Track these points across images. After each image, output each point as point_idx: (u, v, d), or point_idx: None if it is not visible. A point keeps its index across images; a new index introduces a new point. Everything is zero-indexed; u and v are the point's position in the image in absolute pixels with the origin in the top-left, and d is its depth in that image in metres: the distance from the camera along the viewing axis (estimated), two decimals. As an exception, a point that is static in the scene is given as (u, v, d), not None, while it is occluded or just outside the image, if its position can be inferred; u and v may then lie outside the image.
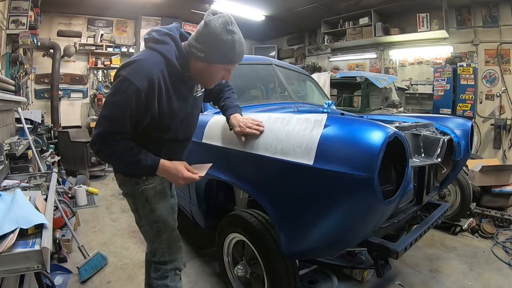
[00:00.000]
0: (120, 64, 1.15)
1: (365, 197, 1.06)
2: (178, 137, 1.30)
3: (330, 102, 2.80)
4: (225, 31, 1.07)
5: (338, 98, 4.47)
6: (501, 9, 4.54)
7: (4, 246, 0.89)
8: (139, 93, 1.06)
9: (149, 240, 1.38)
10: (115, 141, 1.10)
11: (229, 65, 1.16)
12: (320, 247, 1.33)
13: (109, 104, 1.10)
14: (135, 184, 1.28)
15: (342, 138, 1.10)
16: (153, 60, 1.11)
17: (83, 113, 6.20)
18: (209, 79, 1.21)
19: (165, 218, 1.34)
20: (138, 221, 1.37)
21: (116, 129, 1.09)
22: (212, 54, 1.11)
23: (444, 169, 1.98)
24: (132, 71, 1.08)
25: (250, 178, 1.47)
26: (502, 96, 4.62)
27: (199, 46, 1.10)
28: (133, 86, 1.05)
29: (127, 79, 1.05)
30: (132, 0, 5.25)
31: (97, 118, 1.13)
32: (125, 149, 1.11)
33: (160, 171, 1.17)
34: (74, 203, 3.51)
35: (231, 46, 1.10)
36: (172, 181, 1.22)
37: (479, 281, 2.11)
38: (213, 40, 1.08)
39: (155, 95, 1.10)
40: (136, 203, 1.32)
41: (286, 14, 5.89)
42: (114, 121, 1.09)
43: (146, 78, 1.07)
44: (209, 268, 2.24)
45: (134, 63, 1.10)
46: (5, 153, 2.01)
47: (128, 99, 1.06)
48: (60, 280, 2.00)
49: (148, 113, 1.12)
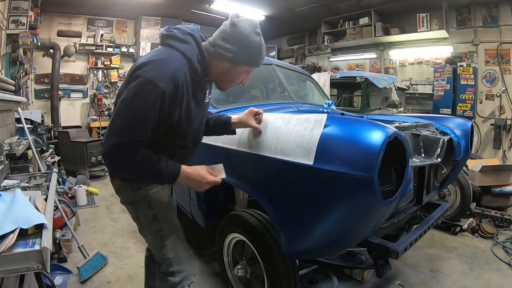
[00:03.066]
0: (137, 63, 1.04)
1: (365, 197, 1.06)
2: (190, 144, 1.22)
3: (330, 102, 2.80)
4: (254, 33, 1.07)
5: (338, 98, 4.47)
6: (501, 9, 4.54)
7: (4, 246, 0.89)
8: (164, 98, 0.97)
9: (154, 249, 1.27)
10: (133, 151, 0.97)
11: (253, 67, 1.14)
12: (320, 247, 1.33)
13: (128, 110, 0.97)
14: (135, 190, 1.17)
15: (342, 138, 1.10)
16: (177, 61, 1.03)
17: (83, 113, 6.20)
18: (229, 81, 1.17)
19: (169, 224, 1.24)
20: (140, 229, 1.27)
21: (136, 138, 0.98)
22: (240, 55, 1.07)
23: (444, 169, 1.98)
24: (156, 72, 0.98)
25: (250, 178, 1.47)
26: (502, 96, 4.61)
27: (228, 46, 1.06)
28: (158, 90, 0.95)
29: (151, 82, 0.95)
30: (132, 0, 5.26)
31: (110, 124, 0.99)
32: (144, 159, 0.99)
33: (182, 178, 1.06)
34: (74, 203, 3.51)
35: (259, 49, 1.09)
36: (194, 187, 1.12)
37: (479, 281, 2.11)
38: (243, 41, 1.06)
39: (178, 101, 1.02)
40: (137, 210, 1.21)
41: (286, 14, 5.89)
42: (134, 130, 0.97)
43: (171, 81, 0.98)
44: (209, 268, 2.24)
45: (156, 62, 1.00)
46: (5, 153, 2.01)
47: (152, 106, 0.96)
48: (60, 280, 2.00)
49: (168, 120, 1.03)
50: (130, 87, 0.99)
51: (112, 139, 0.96)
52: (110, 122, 1.00)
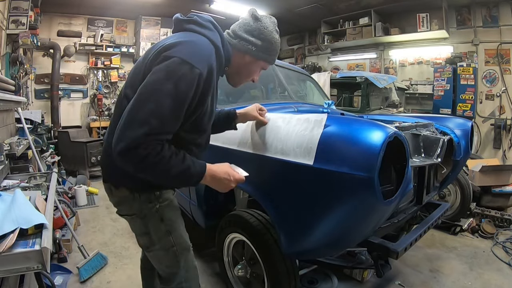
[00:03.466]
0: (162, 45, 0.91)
1: (365, 197, 1.06)
2: (204, 143, 1.12)
3: (330, 102, 2.80)
4: (275, 31, 1.10)
5: (338, 98, 4.47)
6: (501, 9, 4.54)
7: (4, 246, 0.89)
8: (200, 81, 0.86)
9: (163, 265, 1.14)
10: (161, 145, 0.83)
11: (268, 64, 1.15)
12: (320, 247, 1.33)
13: (159, 94, 0.82)
14: (145, 202, 1.04)
15: (342, 138, 1.10)
16: (208, 45, 0.94)
17: (83, 113, 6.20)
18: (245, 76, 1.15)
19: (183, 239, 1.13)
20: (147, 245, 1.11)
21: (168, 128, 0.84)
22: (263, 50, 1.07)
23: (444, 169, 1.98)
24: (191, 53, 0.86)
25: (250, 178, 1.47)
26: (502, 96, 4.62)
27: (252, 39, 1.05)
28: (196, 71, 0.84)
29: (187, 62, 0.84)
30: (132, 0, 5.25)
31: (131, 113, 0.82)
32: (171, 154, 0.85)
33: (208, 177, 0.95)
34: (74, 203, 3.51)
35: (278, 46, 1.12)
36: (220, 187, 1.00)
37: (479, 281, 2.11)
38: (267, 36, 1.07)
39: (211, 88, 0.93)
40: (147, 225, 1.07)
41: (286, 14, 5.89)
42: (168, 116, 0.83)
43: (206, 63, 0.88)
44: (209, 268, 2.24)
45: (189, 43, 0.90)
46: (5, 153, 2.01)
47: (189, 88, 0.84)
48: (60, 280, 2.00)
49: (198, 109, 0.93)
50: (158, 68, 0.85)
51: (137, 129, 0.79)
52: (130, 109, 0.83)
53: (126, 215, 1.09)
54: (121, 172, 0.91)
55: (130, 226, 1.13)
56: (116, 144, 0.81)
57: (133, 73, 1.00)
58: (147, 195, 1.04)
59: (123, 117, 0.84)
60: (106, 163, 1.07)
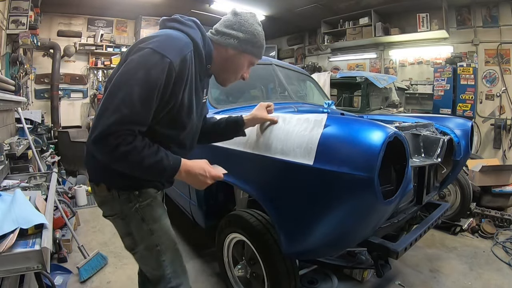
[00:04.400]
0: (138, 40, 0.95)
1: (365, 197, 1.06)
2: (188, 143, 1.11)
3: (330, 102, 2.80)
4: (256, 23, 1.09)
5: (338, 98, 4.47)
6: (501, 9, 4.53)
7: (4, 246, 0.89)
8: (172, 70, 0.87)
9: (149, 267, 1.11)
10: (132, 135, 0.85)
11: (255, 58, 1.13)
12: (320, 247, 1.33)
13: (131, 82, 0.84)
14: (125, 202, 1.02)
15: (342, 138, 1.10)
16: (183, 38, 0.96)
17: (83, 113, 6.20)
18: (232, 72, 1.12)
19: (166, 238, 1.10)
20: (131, 246, 1.09)
21: (139, 117, 0.85)
22: (245, 42, 1.06)
23: (444, 169, 1.98)
24: (162, 44, 0.89)
25: (250, 178, 1.47)
26: (502, 96, 4.61)
27: (233, 33, 1.05)
28: (166, 60, 0.86)
29: (158, 52, 0.86)
30: (132, 0, 5.25)
31: (105, 101, 0.85)
32: (143, 145, 0.86)
33: (183, 172, 0.94)
34: (74, 203, 3.51)
35: (262, 39, 1.10)
36: (196, 183, 0.99)
37: (479, 281, 2.11)
38: (248, 28, 1.06)
39: (184, 79, 0.93)
40: (129, 225, 1.06)
41: (286, 14, 5.89)
42: (138, 104, 0.84)
43: (179, 54, 0.90)
44: (209, 268, 2.24)
45: (162, 37, 0.92)
46: (5, 153, 2.01)
47: (159, 75, 0.85)
48: (60, 280, 2.00)
49: (172, 100, 0.92)
50: (131, 59, 0.88)
51: (110, 118, 0.81)
52: (104, 99, 0.85)
53: (109, 215, 1.09)
54: (101, 168, 0.96)
55: (115, 227, 1.11)
56: (91, 133, 0.84)
57: (115, 68, 1.01)
58: (126, 194, 1.02)
59: (98, 107, 0.87)
60: (88, 160, 1.07)
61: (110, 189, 1.03)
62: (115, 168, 0.90)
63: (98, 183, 1.05)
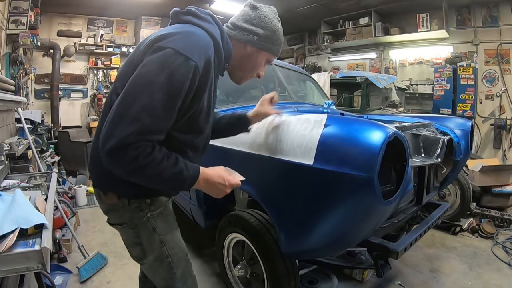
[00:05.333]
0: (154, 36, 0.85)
1: (365, 197, 1.06)
2: (201, 146, 1.03)
3: (330, 102, 2.80)
4: (276, 19, 1.03)
5: (338, 98, 4.47)
6: (501, 9, 4.53)
7: (4, 246, 0.89)
8: (196, 74, 0.79)
9: (158, 278, 1.06)
10: (151, 146, 0.77)
11: (273, 56, 1.07)
12: (320, 247, 1.33)
13: (152, 87, 0.75)
14: (136, 211, 0.96)
15: (342, 138, 1.10)
16: (205, 36, 0.86)
17: (83, 113, 6.20)
18: (249, 69, 1.06)
19: (178, 249, 1.05)
20: (140, 256, 1.03)
21: (160, 126, 0.77)
22: (265, 39, 0.99)
23: (444, 169, 1.98)
24: (184, 43, 0.79)
25: (250, 178, 1.47)
26: (502, 96, 4.61)
27: (253, 28, 0.98)
28: (191, 63, 0.77)
29: (181, 54, 0.76)
30: (132, 0, 5.25)
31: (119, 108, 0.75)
32: (162, 156, 0.79)
33: (201, 181, 0.88)
34: (74, 203, 3.51)
35: (281, 36, 1.04)
36: (214, 192, 0.94)
37: (479, 281, 2.11)
38: (268, 24, 0.99)
39: (208, 82, 0.85)
40: (139, 235, 0.99)
41: (286, 14, 5.88)
42: (160, 112, 0.76)
43: (203, 55, 0.81)
44: (209, 268, 2.24)
45: (183, 33, 0.83)
46: (5, 153, 2.01)
47: (183, 80, 0.77)
48: (60, 280, 2.00)
49: (194, 105, 0.85)
50: (150, 59, 0.78)
51: (127, 127, 0.72)
52: (119, 105, 0.75)
53: (116, 224, 1.02)
54: (109, 176, 0.85)
55: (121, 236, 1.05)
56: (104, 142, 0.74)
57: (124, 66, 0.92)
58: (137, 202, 0.96)
59: (111, 113, 0.76)
60: (93, 167, 0.97)
61: (120, 197, 0.95)
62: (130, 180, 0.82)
63: (106, 191, 0.97)
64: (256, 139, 1.37)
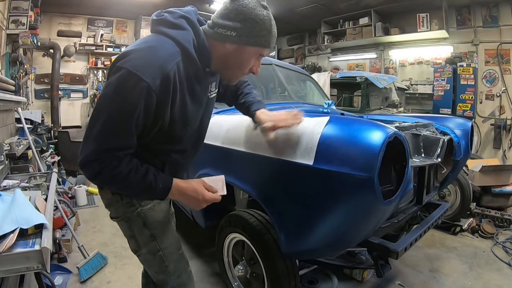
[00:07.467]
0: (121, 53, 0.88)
1: (365, 197, 1.06)
2: (187, 148, 1.05)
3: (330, 102, 2.80)
4: (260, 6, 0.89)
5: (338, 98, 4.47)
6: (501, 9, 4.54)
7: (4, 246, 0.89)
8: (150, 94, 0.81)
9: (153, 271, 1.12)
10: (117, 160, 0.83)
11: (264, 48, 0.94)
12: (320, 247, 1.33)
13: (108, 108, 0.81)
14: (127, 206, 1.02)
15: (342, 138, 1.10)
16: (167, 49, 0.86)
17: (83, 113, 6.21)
18: (236, 68, 0.97)
19: (169, 243, 1.09)
20: (135, 248, 1.10)
21: (119, 143, 0.83)
22: (246, 32, 0.88)
23: (444, 169, 1.98)
24: (141, 62, 0.81)
25: (250, 178, 1.47)
26: (502, 96, 4.61)
27: (229, 24, 0.88)
28: (143, 84, 0.79)
29: (134, 74, 0.79)
30: (132, 0, 5.26)
31: (88, 129, 0.83)
32: (129, 169, 0.84)
33: (174, 193, 0.92)
34: (74, 203, 3.51)
35: (268, 24, 0.90)
36: (190, 204, 0.96)
37: (479, 281, 2.11)
38: (247, 15, 0.87)
39: (170, 98, 0.86)
40: (131, 228, 1.06)
41: (286, 14, 5.89)
42: (116, 132, 0.82)
43: (159, 73, 0.82)
44: (209, 268, 2.24)
45: (142, 51, 0.84)
46: (5, 153, 2.01)
47: (136, 102, 0.80)
48: (60, 280, 2.00)
49: (158, 121, 0.87)
50: (109, 81, 0.82)
51: (90, 145, 0.81)
52: (88, 127, 0.84)
53: (115, 217, 1.08)
54: None
55: (120, 229, 1.12)
56: (78, 156, 0.84)
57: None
58: (129, 198, 1.01)
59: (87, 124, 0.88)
60: None
61: (113, 193, 1.01)
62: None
63: (102, 187, 1.03)
64: (256, 139, 1.37)
